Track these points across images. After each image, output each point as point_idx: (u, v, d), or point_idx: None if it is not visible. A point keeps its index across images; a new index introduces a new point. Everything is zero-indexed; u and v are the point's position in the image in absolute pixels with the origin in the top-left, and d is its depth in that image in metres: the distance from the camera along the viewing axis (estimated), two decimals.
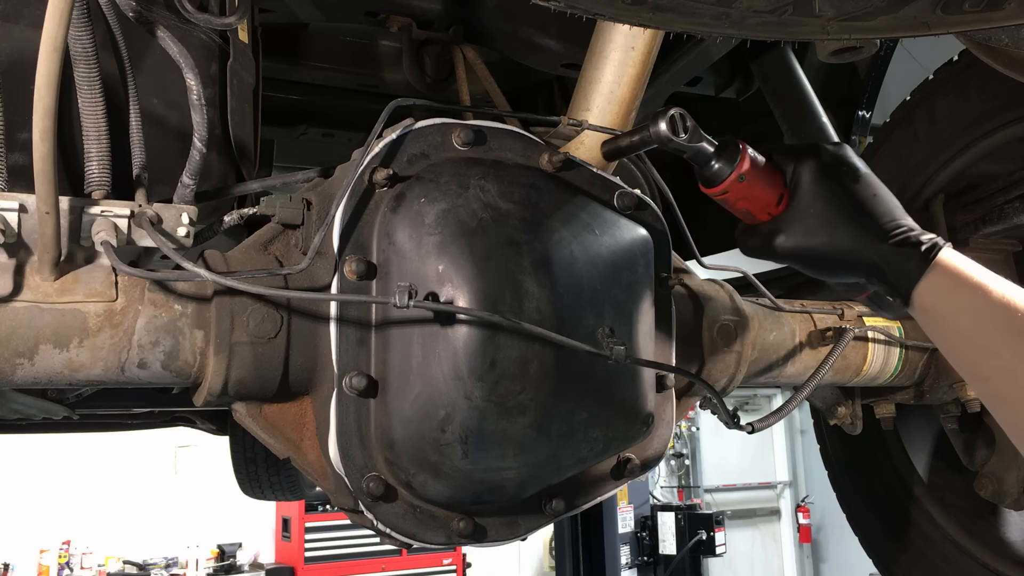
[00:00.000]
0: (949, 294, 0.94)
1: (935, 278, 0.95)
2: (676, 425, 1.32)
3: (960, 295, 0.93)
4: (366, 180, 1.07)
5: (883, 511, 2.21)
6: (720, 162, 1.08)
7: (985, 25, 0.78)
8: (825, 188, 1.02)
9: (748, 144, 1.09)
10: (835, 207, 1.01)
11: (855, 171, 1.03)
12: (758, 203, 1.08)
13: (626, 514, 8.00)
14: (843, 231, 1.00)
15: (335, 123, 2.37)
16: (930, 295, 0.95)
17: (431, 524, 1.10)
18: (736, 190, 1.08)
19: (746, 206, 1.09)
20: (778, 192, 1.07)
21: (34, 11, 1.00)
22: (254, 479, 3.38)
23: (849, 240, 1.00)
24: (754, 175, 1.07)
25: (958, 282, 0.94)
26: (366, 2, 1.80)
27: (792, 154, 1.06)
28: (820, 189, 1.02)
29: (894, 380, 1.70)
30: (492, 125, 1.18)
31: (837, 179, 1.03)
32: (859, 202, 1.01)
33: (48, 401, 1.73)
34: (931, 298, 0.95)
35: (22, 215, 0.94)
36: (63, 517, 7.48)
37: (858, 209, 1.01)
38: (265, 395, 1.07)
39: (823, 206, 1.01)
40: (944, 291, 0.94)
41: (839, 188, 1.02)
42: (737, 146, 1.08)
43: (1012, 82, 1.43)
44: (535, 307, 1.04)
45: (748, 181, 1.07)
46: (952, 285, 0.94)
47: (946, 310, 0.94)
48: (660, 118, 1.07)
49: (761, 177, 1.07)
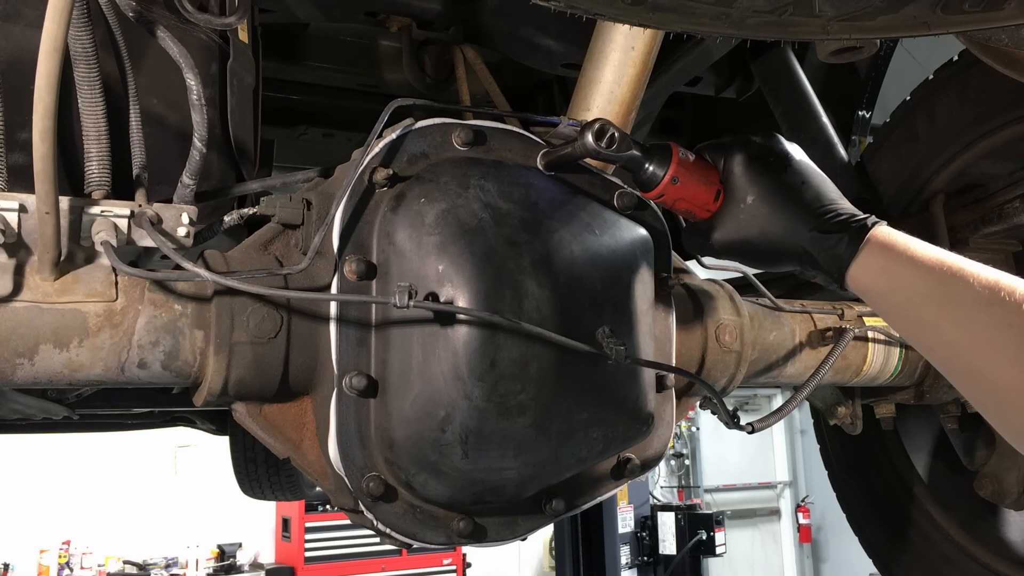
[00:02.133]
0: (881, 274, 0.94)
1: (866, 259, 0.94)
2: (676, 425, 1.32)
3: (892, 273, 0.93)
4: (366, 180, 1.07)
5: (883, 511, 2.21)
6: (652, 166, 1.09)
7: (985, 25, 0.78)
8: (754, 179, 1.02)
9: (680, 146, 1.09)
10: (765, 198, 1.01)
11: (784, 159, 1.04)
12: (696, 202, 1.09)
13: (626, 514, 8.00)
14: (774, 221, 1.00)
15: (335, 123, 2.37)
16: (863, 277, 0.95)
17: (431, 524, 1.10)
18: (671, 192, 1.09)
19: (685, 206, 1.10)
20: (714, 189, 1.08)
21: (34, 11, 1.00)
22: (254, 479, 3.38)
23: (780, 229, 1.00)
24: (687, 175, 1.08)
25: (889, 260, 0.93)
26: (366, 2, 1.80)
27: (721, 149, 1.07)
28: (749, 181, 1.03)
29: (894, 380, 1.70)
30: (492, 125, 1.18)
31: (766, 170, 1.03)
32: (788, 190, 1.01)
33: (48, 401, 1.73)
34: (864, 280, 0.95)
35: (22, 215, 0.94)
36: (63, 517, 7.48)
37: (787, 197, 1.01)
38: (265, 395, 1.07)
39: (753, 199, 1.02)
40: (876, 271, 0.94)
41: (768, 178, 1.02)
42: (668, 149, 1.09)
43: (1012, 82, 1.43)
44: (535, 307, 1.04)
45: (682, 182, 1.08)
46: (883, 264, 0.93)
47: (880, 289, 0.94)
48: (586, 131, 1.07)
49: (695, 176, 1.08)
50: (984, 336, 0.85)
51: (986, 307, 0.85)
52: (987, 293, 0.85)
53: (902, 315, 0.93)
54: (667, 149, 1.09)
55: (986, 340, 0.85)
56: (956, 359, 0.88)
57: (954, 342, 0.87)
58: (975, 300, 0.86)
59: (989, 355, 0.84)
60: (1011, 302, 0.84)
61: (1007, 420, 0.85)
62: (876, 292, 0.95)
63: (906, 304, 0.92)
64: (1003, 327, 0.83)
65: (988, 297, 0.85)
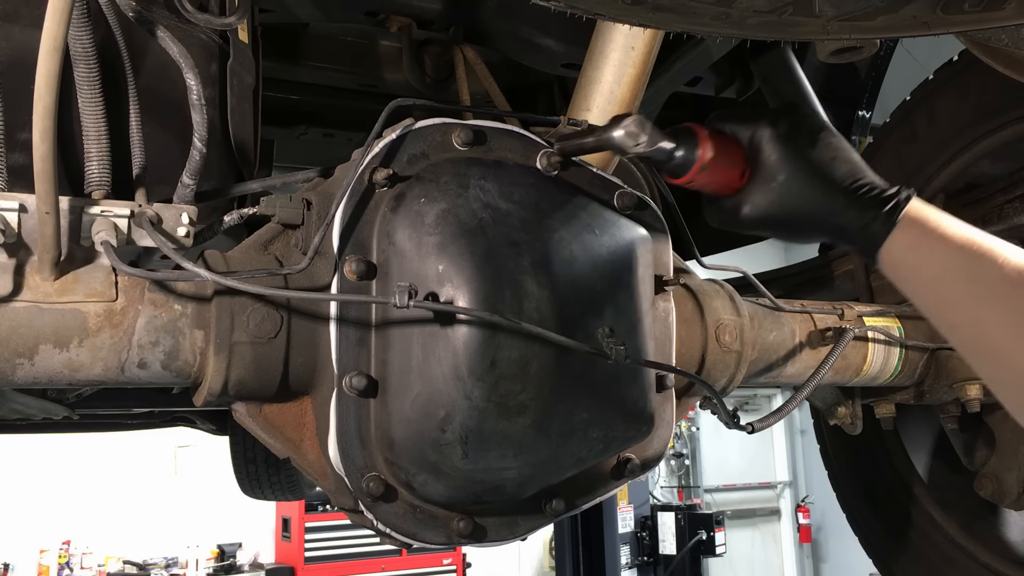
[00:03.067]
0: (911, 250, 0.94)
1: (899, 235, 0.95)
2: (676, 425, 1.32)
3: (923, 249, 0.94)
4: (366, 180, 1.07)
5: (883, 511, 2.21)
6: (681, 152, 1.06)
7: (985, 25, 0.78)
8: (785, 158, 1.01)
9: (704, 126, 1.07)
10: (796, 176, 1.01)
11: (814, 136, 1.03)
12: (722, 182, 1.08)
13: (626, 514, 8.00)
14: (806, 198, 1.00)
15: (335, 123, 2.37)
16: (895, 253, 0.95)
17: (431, 524, 1.10)
18: (700, 178, 1.07)
19: (713, 188, 1.09)
20: (740, 167, 1.06)
21: (34, 11, 1.00)
22: (254, 479, 3.38)
23: (814, 206, 1.00)
24: (715, 160, 1.06)
25: (920, 236, 0.94)
26: (366, 2, 1.80)
27: (747, 124, 1.05)
28: (780, 159, 1.01)
29: (894, 380, 1.70)
30: (492, 125, 1.18)
31: (796, 148, 1.02)
32: (820, 168, 1.00)
33: (48, 401, 1.73)
34: (895, 255, 0.95)
35: (22, 215, 0.94)
36: (63, 517, 7.47)
37: (820, 175, 1.00)
38: (265, 395, 1.07)
39: (785, 177, 1.01)
40: (907, 247, 0.95)
41: (799, 157, 1.01)
42: (694, 135, 1.06)
43: (1012, 82, 1.43)
44: (535, 307, 1.04)
45: (711, 167, 1.06)
46: (914, 240, 0.94)
47: (910, 265, 0.95)
48: (617, 127, 1.05)
49: (723, 159, 1.06)
50: (1009, 317, 0.85)
51: (1013, 288, 0.86)
52: (1015, 275, 0.86)
53: (929, 291, 0.94)
54: (693, 135, 1.06)
55: (1011, 321, 0.85)
56: (979, 338, 0.88)
57: (979, 321, 0.87)
58: (1003, 280, 0.87)
59: (1013, 336, 0.84)
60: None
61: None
62: (906, 267, 0.95)
63: (934, 281, 0.92)
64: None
65: (1016, 279, 0.86)
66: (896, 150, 2.02)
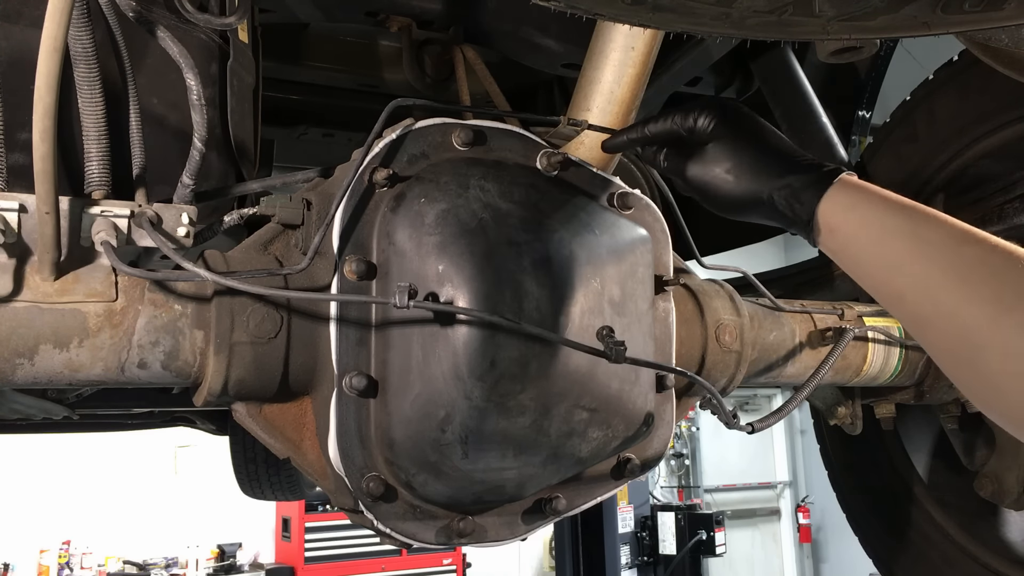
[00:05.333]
0: (853, 208, 0.92)
1: (836, 194, 0.93)
2: (676, 425, 1.32)
3: (864, 208, 0.91)
4: (366, 180, 1.07)
5: (883, 511, 2.21)
6: None
7: (985, 25, 0.78)
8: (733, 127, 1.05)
9: None
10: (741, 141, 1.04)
11: (759, 119, 1.07)
12: None
13: (626, 514, 8.00)
14: (747, 163, 1.03)
15: (335, 123, 2.37)
16: (833, 213, 0.93)
17: (431, 524, 1.10)
18: None
19: None
20: None
21: (34, 11, 1.00)
22: (254, 479, 3.38)
23: (752, 172, 1.02)
24: None
25: (861, 196, 0.92)
26: (366, 2, 1.80)
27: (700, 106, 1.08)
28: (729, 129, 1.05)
29: (894, 380, 1.70)
30: (492, 125, 1.18)
31: (745, 119, 1.06)
32: (764, 137, 1.04)
33: (48, 401, 1.73)
34: (834, 216, 0.93)
35: (22, 215, 0.94)
36: (63, 517, 7.47)
37: (762, 145, 1.03)
38: (265, 395, 1.07)
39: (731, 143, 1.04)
40: (847, 206, 0.92)
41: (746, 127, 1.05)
42: None
43: (1012, 82, 1.43)
44: (535, 307, 1.04)
45: None
46: (855, 200, 0.92)
47: (850, 224, 0.92)
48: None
49: None
50: (957, 273, 0.81)
51: (959, 246, 0.83)
52: (960, 234, 0.84)
53: (873, 256, 0.90)
54: None
55: (960, 277, 0.81)
56: (928, 302, 0.83)
57: (926, 283, 0.83)
58: (949, 237, 0.84)
59: (962, 293, 0.80)
60: (988, 244, 0.81)
61: (977, 370, 0.80)
62: (845, 230, 0.93)
63: (877, 242, 0.89)
64: (977, 265, 0.81)
65: (961, 237, 0.83)
66: (896, 150, 2.02)
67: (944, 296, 0.82)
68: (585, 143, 1.24)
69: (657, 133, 1.10)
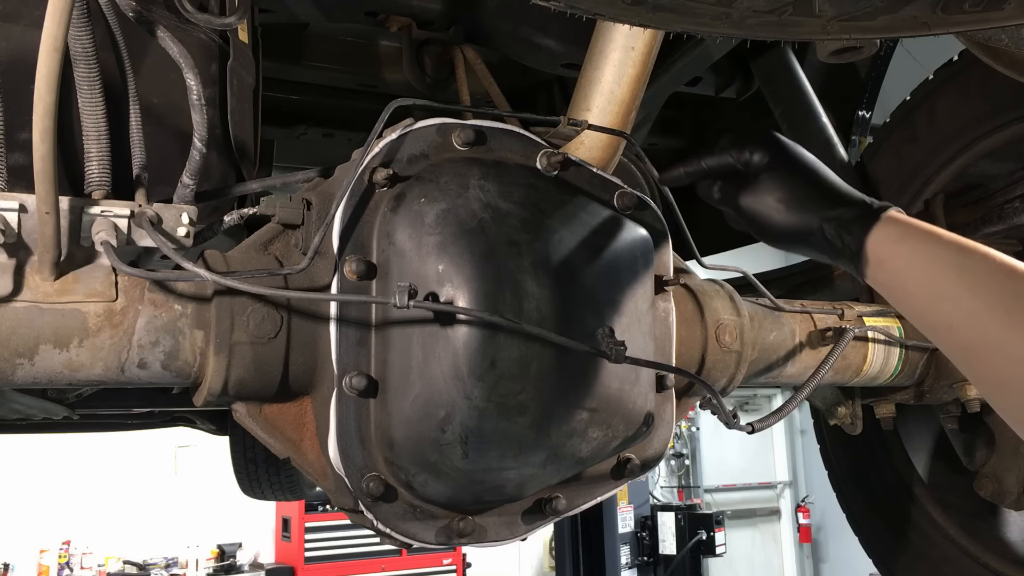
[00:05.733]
0: (901, 240, 0.95)
1: (886, 227, 0.96)
2: (676, 425, 1.32)
3: (912, 241, 0.94)
4: (366, 180, 1.07)
5: (883, 511, 2.21)
6: None
7: (985, 25, 0.78)
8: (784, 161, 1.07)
9: None
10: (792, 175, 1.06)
11: (807, 156, 1.09)
12: None
13: (626, 514, 8.00)
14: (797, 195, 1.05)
15: (335, 123, 2.37)
16: (882, 245, 0.95)
17: (431, 524, 1.10)
18: None
19: None
20: None
21: (34, 11, 1.00)
22: (254, 479, 3.37)
23: (801, 204, 1.04)
24: None
25: (909, 230, 0.95)
26: (366, 2, 1.80)
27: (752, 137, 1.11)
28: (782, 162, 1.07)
29: (894, 380, 1.70)
30: (492, 125, 1.18)
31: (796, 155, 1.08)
32: (815, 173, 1.06)
33: (48, 401, 1.73)
34: (883, 248, 0.95)
35: (22, 215, 0.94)
36: (63, 517, 7.47)
37: (813, 179, 1.06)
38: (265, 395, 1.07)
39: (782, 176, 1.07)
40: (896, 238, 0.95)
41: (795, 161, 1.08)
42: None
43: (1012, 82, 1.43)
44: (535, 307, 1.04)
45: None
46: (903, 233, 0.95)
47: (900, 256, 0.94)
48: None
49: None
50: (1004, 308, 0.84)
51: (1007, 278, 0.85)
52: (1006, 267, 0.86)
53: (921, 286, 0.92)
54: None
55: (1006, 309, 0.84)
56: (976, 331, 0.86)
57: (974, 315, 0.86)
58: (995, 270, 0.86)
59: (1010, 326, 0.83)
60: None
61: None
62: (894, 261, 0.95)
63: (926, 273, 0.91)
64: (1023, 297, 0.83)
65: (1008, 270, 0.86)
66: (896, 150, 2.02)
67: (992, 326, 0.85)
68: (585, 143, 1.24)
69: (713, 167, 1.12)
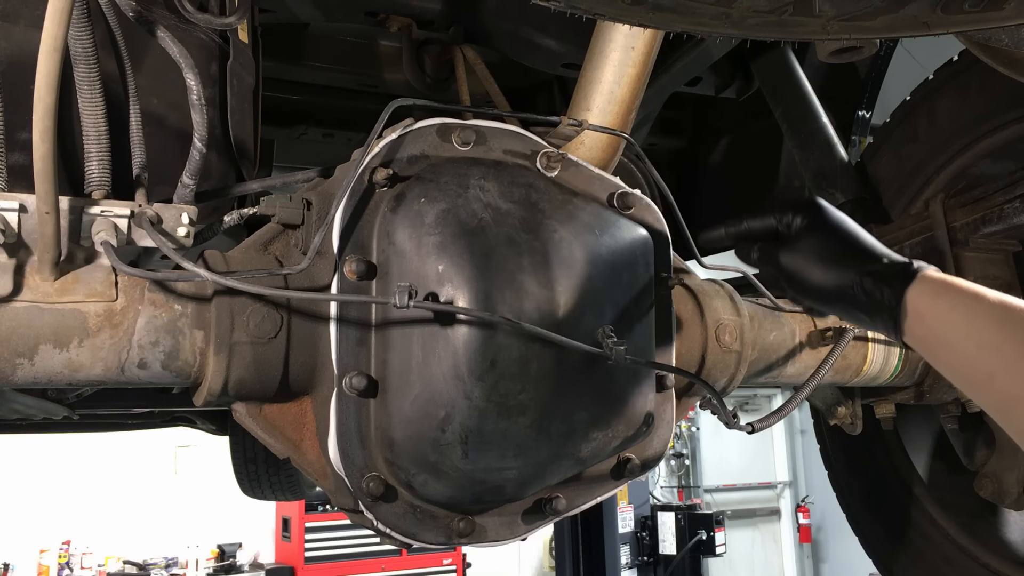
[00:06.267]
0: (940, 294, 0.96)
1: (924, 282, 0.97)
2: (676, 425, 1.32)
3: (951, 294, 0.95)
4: (366, 180, 1.07)
5: (883, 511, 2.21)
6: None
7: (985, 25, 0.78)
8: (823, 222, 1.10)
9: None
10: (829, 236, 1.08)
11: (843, 218, 1.12)
12: None
13: (626, 514, 8.00)
14: (835, 255, 1.07)
15: (335, 123, 2.38)
16: (921, 298, 0.97)
17: (431, 524, 1.10)
18: None
19: None
20: None
21: (34, 11, 1.00)
22: (254, 479, 3.38)
23: (839, 263, 1.06)
24: None
25: (947, 285, 0.96)
26: (366, 2, 1.80)
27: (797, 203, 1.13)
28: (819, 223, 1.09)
29: (894, 380, 1.70)
30: (492, 125, 1.18)
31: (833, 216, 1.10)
32: (852, 233, 1.08)
33: (48, 401, 1.73)
34: (923, 299, 0.96)
35: (22, 215, 0.94)
36: (63, 517, 7.47)
37: (850, 239, 1.08)
38: (265, 395, 1.07)
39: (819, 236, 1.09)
40: (934, 292, 0.96)
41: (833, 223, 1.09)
42: None
43: (1012, 82, 1.43)
44: (535, 307, 1.04)
45: None
46: (942, 287, 0.96)
47: (939, 308, 0.96)
48: None
49: None
50: None
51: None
52: None
53: (963, 338, 0.93)
54: None
55: None
56: (1019, 381, 0.87)
57: (1015, 360, 0.87)
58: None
59: None
60: None
61: None
62: (935, 314, 0.96)
63: (967, 325, 0.93)
64: None
65: None
66: (896, 150, 2.02)
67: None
68: (585, 143, 1.24)
69: (755, 228, 1.15)
